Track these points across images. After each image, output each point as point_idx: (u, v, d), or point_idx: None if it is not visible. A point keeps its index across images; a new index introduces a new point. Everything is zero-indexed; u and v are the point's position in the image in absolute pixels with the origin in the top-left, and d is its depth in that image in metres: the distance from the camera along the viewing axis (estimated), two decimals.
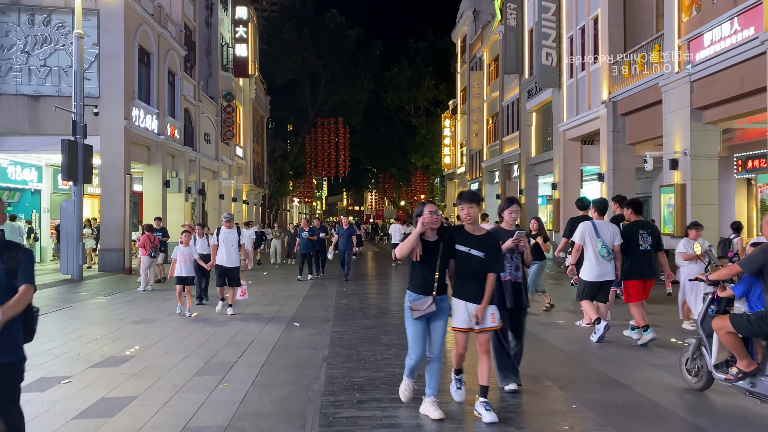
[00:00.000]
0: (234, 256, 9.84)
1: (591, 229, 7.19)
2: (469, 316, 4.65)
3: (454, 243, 4.66)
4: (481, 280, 4.63)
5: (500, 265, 4.78)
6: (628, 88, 17.85)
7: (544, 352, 6.98)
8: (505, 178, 31.78)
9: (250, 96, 39.89)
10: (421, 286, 4.58)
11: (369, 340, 7.55)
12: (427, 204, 4.64)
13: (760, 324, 4.54)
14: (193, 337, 7.86)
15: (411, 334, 4.68)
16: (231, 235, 9.90)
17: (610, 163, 18.96)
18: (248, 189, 39.73)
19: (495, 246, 4.73)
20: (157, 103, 21.94)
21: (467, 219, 4.73)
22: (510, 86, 30.66)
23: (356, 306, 10.69)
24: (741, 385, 4.79)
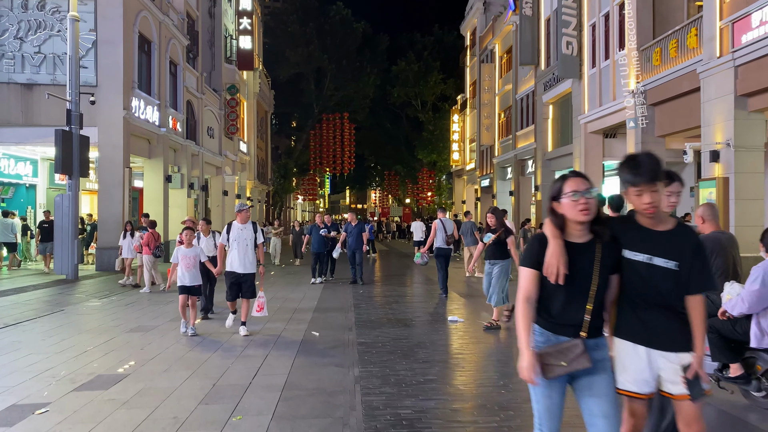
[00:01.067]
0: (250, 260, 7.70)
1: None
2: (650, 369, 2.81)
3: (619, 247, 2.83)
4: (671, 309, 2.80)
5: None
6: (659, 77, 16.74)
7: None
8: (519, 174, 30.68)
9: (254, 90, 38.83)
10: (559, 321, 2.74)
11: (403, 354, 6.48)
12: (572, 177, 2.80)
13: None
14: (197, 350, 6.81)
15: (540, 404, 2.77)
16: (246, 232, 7.69)
17: None
18: (252, 185, 38.69)
19: (696, 250, 2.82)
20: (158, 94, 20.89)
21: (649, 210, 2.76)
22: (524, 78, 29.54)
23: (378, 312, 9.60)
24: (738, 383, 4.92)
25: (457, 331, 7.94)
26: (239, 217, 7.71)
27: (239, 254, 7.61)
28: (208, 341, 7.34)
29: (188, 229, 8.26)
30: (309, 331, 7.78)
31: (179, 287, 7.83)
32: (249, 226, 7.75)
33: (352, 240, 13.56)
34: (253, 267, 7.72)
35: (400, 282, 14.70)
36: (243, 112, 37.16)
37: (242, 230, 7.68)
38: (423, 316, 9.24)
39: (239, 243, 7.63)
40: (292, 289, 12.52)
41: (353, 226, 13.65)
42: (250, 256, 7.67)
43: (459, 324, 8.49)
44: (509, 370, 5.71)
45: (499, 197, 34.06)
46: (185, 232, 8.14)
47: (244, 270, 7.65)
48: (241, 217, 7.70)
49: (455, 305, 10.38)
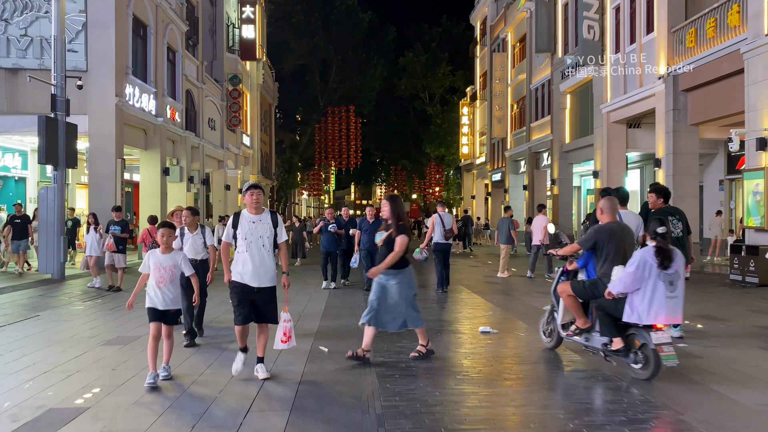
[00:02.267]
0: (268, 267, 5.34)
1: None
2: None
3: None
4: None
5: None
6: (694, 59, 15.44)
7: None
8: (533, 168, 29.39)
9: (258, 81, 37.59)
10: None
11: (434, 383, 5.17)
12: None
13: (591, 289, 5.65)
14: (180, 370, 5.61)
15: None
16: (261, 225, 5.35)
17: (669, 146, 16.56)
18: (256, 180, 37.46)
19: None
20: (154, 82, 19.69)
21: None
22: (540, 67, 28.22)
23: None
24: (578, 339, 5.92)
25: (493, 346, 6.67)
26: (248, 201, 5.33)
27: (252, 259, 5.25)
28: (194, 359, 6.13)
29: (165, 226, 5.53)
30: (316, 346, 6.55)
31: (148, 311, 5.28)
32: (266, 218, 5.37)
33: (366, 239, 11.17)
34: (272, 278, 5.37)
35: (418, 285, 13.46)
36: (246, 104, 35.96)
37: (255, 223, 5.31)
38: (448, 325, 8.01)
39: (252, 242, 5.27)
40: (293, 295, 11.22)
41: (370, 223, 11.25)
42: (267, 262, 5.31)
43: (493, 335, 7.25)
44: (578, 405, 4.50)
45: (511, 192, 32.79)
46: (161, 230, 5.45)
47: (259, 283, 5.27)
48: (251, 201, 5.31)
49: (482, 311, 9.13)
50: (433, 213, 12.28)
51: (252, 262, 5.25)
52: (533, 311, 9.03)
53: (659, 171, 17.09)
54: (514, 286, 12.56)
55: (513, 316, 8.66)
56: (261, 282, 5.29)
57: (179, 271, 5.46)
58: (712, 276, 14.68)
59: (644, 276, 5.06)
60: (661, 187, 7.24)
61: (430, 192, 55.05)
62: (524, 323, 8.01)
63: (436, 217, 11.71)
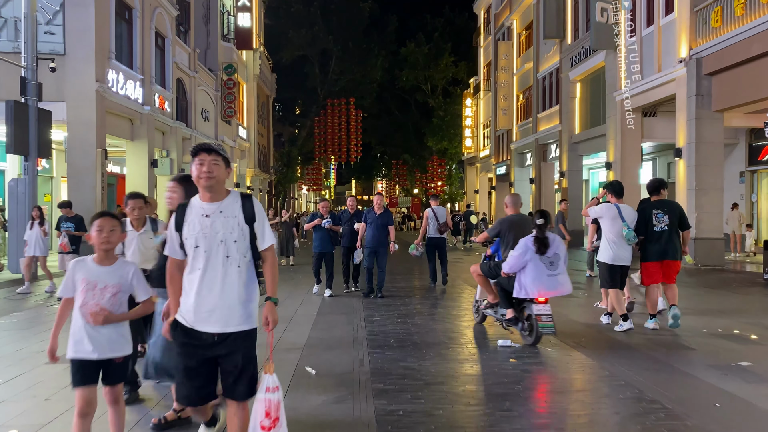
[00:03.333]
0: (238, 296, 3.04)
1: (615, 211, 6.97)
2: None
3: None
4: None
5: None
6: (720, 40, 14.28)
7: None
8: (540, 160, 28.21)
9: (254, 72, 36.43)
10: None
11: (449, 424, 4.03)
12: None
13: (494, 269, 6.69)
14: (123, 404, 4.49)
15: None
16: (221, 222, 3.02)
17: (691, 135, 15.39)
18: (253, 174, 36.38)
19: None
20: (141, 68, 18.55)
21: None
22: (547, 55, 27.02)
23: (397, 330, 7.22)
24: (489, 312, 7.04)
25: (518, 368, 5.52)
26: (196, 176, 3.00)
27: (210, 283, 3.00)
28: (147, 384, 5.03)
29: (105, 215, 3.39)
30: (302, 366, 5.42)
31: (72, 366, 3.23)
32: (231, 206, 3.05)
33: (372, 235, 9.64)
34: (247, 316, 3.06)
35: (421, 285, 12.34)
36: (242, 95, 34.82)
37: (212, 217, 3.01)
38: (461, 337, 6.86)
39: (209, 252, 3.00)
40: (284, 298, 10.08)
41: (377, 215, 9.68)
42: (237, 286, 3.03)
43: (515, 350, 6.13)
44: None
45: (517, 185, 31.63)
46: (97, 221, 3.32)
47: (223, 326, 3.00)
48: (201, 175, 2.98)
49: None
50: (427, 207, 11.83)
51: (208, 288, 2.97)
52: (560, 317, 7.91)
53: (680, 162, 15.94)
54: None
55: None
56: (226, 324, 2.97)
57: (127, 294, 3.36)
58: (741, 275, 13.55)
59: (526, 259, 6.05)
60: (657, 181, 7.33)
61: (432, 187, 53.87)
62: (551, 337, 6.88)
63: (429, 212, 11.40)
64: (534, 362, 5.64)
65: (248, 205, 3.08)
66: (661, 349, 6.10)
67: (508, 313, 6.47)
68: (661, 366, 5.44)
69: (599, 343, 6.47)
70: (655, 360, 5.65)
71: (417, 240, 10.95)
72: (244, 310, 3.03)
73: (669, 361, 5.59)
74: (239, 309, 3.01)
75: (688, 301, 9.24)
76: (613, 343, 6.39)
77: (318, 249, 10.05)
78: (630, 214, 6.94)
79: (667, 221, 6.88)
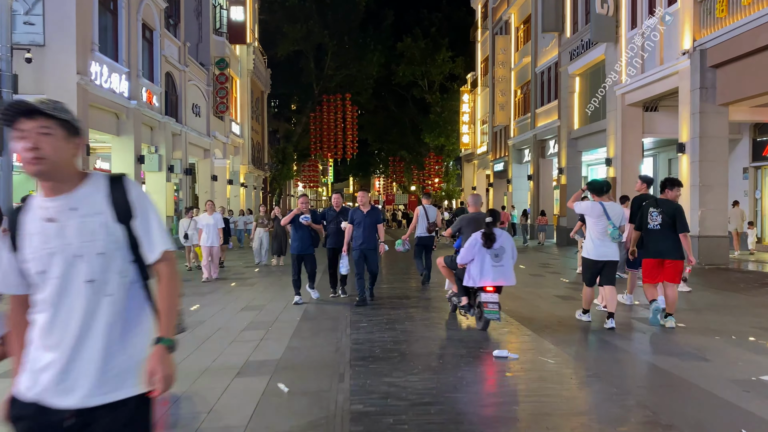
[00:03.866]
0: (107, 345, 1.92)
1: (600, 209, 6.96)
2: None
3: None
4: None
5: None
6: (725, 31, 13.75)
7: None
8: (538, 156, 27.68)
9: (248, 67, 35.80)
10: None
11: None
12: None
13: (453, 261, 7.38)
14: None
15: None
16: (74, 226, 1.93)
17: (695, 129, 14.86)
18: (246, 171, 35.78)
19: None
20: (127, 61, 17.95)
21: None
22: (545, 49, 26.47)
23: (385, 339, 6.69)
24: (454, 301, 7.72)
25: (514, 385, 4.96)
26: (22, 161, 1.92)
27: (59, 328, 1.91)
28: None
29: None
30: (275, 383, 4.87)
31: None
32: (94, 197, 1.99)
33: (360, 236, 8.62)
34: (128, 379, 1.94)
35: (415, 286, 11.81)
36: (235, 91, 34.22)
37: (60, 222, 1.94)
38: (453, 347, 6.31)
39: (62, 279, 1.91)
40: (267, 301, 9.52)
41: (364, 214, 8.71)
42: (107, 329, 1.93)
43: (512, 363, 5.58)
44: None
45: (515, 182, 31.11)
46: None
47: (82, 398, 1.88)
48: (25, 158, 1.89)
49: (498, 329, 7.42)
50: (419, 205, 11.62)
51: (59, 335, 1.92)
52: (560, 323, 7.37)
53: (683, 157, 15.41)
54: (536, 291, 10.91)
55: (532, 330, 6.99)
56: (89, 393, 1.89)
57: None
58: (747, 275, 13.04)
59: (474, 252, 6.71)
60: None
61: (429, 183, 53.32)
62: (552, 343, 6.34)
63: (420, 210, 11.19)
64: (532, 377, 5.11)
65: (119, 192, 2.01)
66: (672, 359, 5.57)
67: (462, 300, 7.28)
68: (674, 381, 4.91)
69: (602, 353, 5.95)
70: (666, 374, 5.12)
71: (404, 236, 10.49)
72: (122, 367, 1.93)
73: (682, 374, 5.06)
74: (113, 367, 1.91)
75: (696, 304, 8.72)
76: (617, 353, 5.87)
77: (297, 250, 8.86)
78: (616, 212, 6.96)
79: (659, 221, 6.87)
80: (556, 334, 6.69)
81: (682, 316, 7.49)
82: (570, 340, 6.43)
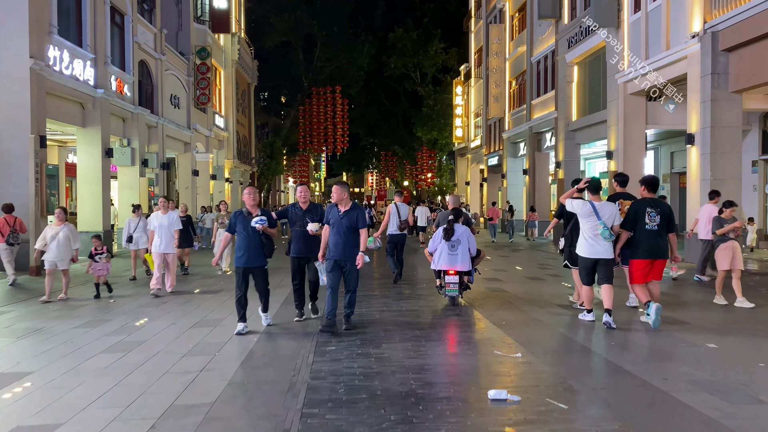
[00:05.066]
0: None
1: (590, 208, 6.91)
2: None
3: None
4: None
5: None
6: (739, 11, 12.58)
7: None
8: (534, 150, 26.49)
9: (233, 57, 34.44)
10: None
11: None
12: None
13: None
14: None
15: None
16: None
17: (705, 118, 13.71)
18: (231, 165, 34.47)
19: None
20: (92, 47, 16.64)
21: None
22: (542, 37, 25.26)
23: (356, 383, 5.26)
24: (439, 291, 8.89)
25: None
26: None
27: None
28: None
29: None
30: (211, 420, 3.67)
31: None
32: None
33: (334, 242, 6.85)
34: None
35: (395, 294, 10.60)
36: (219, 82, 32.89)
37: None
38: (439, 383, 5.07)
39: None
40: (217, 318, 8.20)
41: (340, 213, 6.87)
42: None
43: (513, 409, 4.37)
44: None
45: (509, 177, 29.94)
46: None
47: None
48: None
49: (494, 357, 6.18)
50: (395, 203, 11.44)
51: None
52: (569, 344, 6.20)
53: (692, 149, 14.25)
54: (536, 299, 9.72)
55: (534, 355, 5.79)
56: None
57: None
58: (757, 277, 11.89)
59: (438, 242, 8.42)
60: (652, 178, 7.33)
61: (422, 179, 52.10)
62: (562, 375, 5.14)
63: (392, 207, 11.12)
64: (535, 425, 3.92)
65: None
66: (701, 394, 4.41)
67: (437, 282, 8.68)
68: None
69: (634, 392, 4.78)
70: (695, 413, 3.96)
71: (377, 233, 9.87)
72: None
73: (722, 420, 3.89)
74: None
75: (712, 315, 7.55)
76: (665, 405, 4.69)
77: (242, 263, 6.90)
78: (608, 212, 6.95)
79: (658, 221, 6.93)
80: (566, 360, 5.52)
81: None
82: (584, 368, 5.25)
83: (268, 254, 7.00)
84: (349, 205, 6.90)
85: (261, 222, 6.71)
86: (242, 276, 6.89)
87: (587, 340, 6.41)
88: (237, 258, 6.94)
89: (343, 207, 6.87)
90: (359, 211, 6.94)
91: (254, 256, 6.87)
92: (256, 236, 6.85)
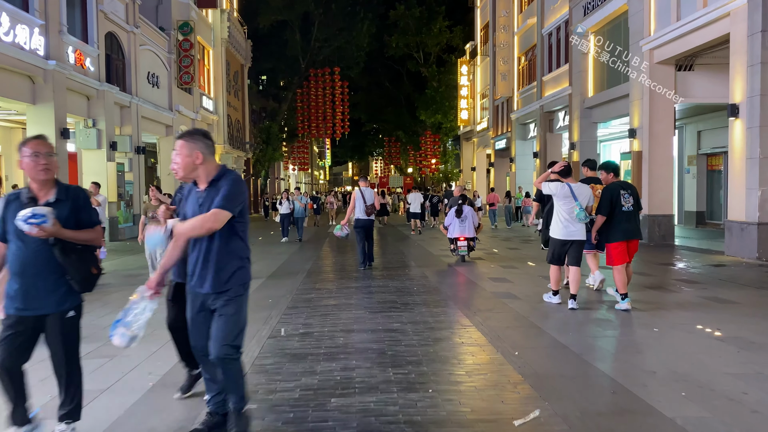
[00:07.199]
0: None
1: (567, 190, 6.95)
2: None
3: None
4: None
5: None
6: None
7: None
8: (546, 131, 24.34)
9: (223, 36, 32.33)
10: None
11: None
12: None
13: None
14: None
15: None
16: None
17: (753, 86, 11.54)
18: (223, 151, 32.47)
19: None
20: (42, 12, 14.63)
21: None
22: (554, 6, 23.03)
23: None
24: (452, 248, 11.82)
25: None
26: None
27: None
28: None
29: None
30: None
31: None
32: None
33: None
34: None
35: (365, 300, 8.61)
36: (208, 62, 30.83)
37: None
38: None
39: None
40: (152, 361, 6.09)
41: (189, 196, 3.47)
42: None
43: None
44: None
45: (518, 161, 27.83)
46: None
47: None
48: None
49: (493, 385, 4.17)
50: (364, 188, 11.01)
51: None
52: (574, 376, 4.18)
53: (735, 122, 12.08)
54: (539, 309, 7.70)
55: (536, 390, 3.77)
56: None
57: None
58: None
59: (452, 218, 11.29)
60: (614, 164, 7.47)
61: (426, 165, 49.99)
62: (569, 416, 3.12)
63: (357, 192, 10.85)
64: None
65: None
66: None
67: (451, 246, 11.61)
68: None
69: None
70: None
71: (343, 221, 10.50)
72: None
73: None
74: None
75: None
76: None
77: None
78: (583, 194, 6.99)
79: (632, 201, 7.02)
80: (573, 397, 3.49)
81: None
82: (591, 410, 3.24)
83: (80, 285, 3.32)
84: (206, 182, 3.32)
85: (37, 218, 3.06)
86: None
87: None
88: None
89: (202, 185, 3.34)
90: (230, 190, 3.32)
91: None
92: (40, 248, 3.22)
